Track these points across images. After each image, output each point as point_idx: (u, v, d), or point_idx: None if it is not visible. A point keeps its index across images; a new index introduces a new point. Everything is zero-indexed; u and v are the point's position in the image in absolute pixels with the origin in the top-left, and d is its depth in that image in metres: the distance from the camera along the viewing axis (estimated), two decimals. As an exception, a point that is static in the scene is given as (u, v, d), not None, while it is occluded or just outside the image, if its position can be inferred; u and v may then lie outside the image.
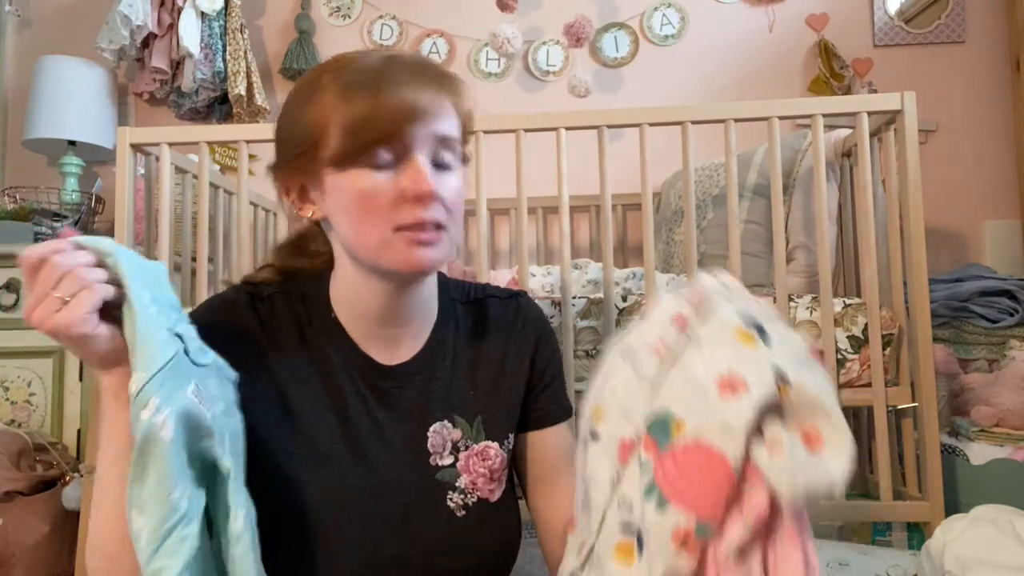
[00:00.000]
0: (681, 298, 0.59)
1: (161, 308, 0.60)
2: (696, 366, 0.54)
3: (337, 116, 0.67)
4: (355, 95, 0.66)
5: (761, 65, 2.29)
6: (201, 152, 1.53)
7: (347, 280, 0.75)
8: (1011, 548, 0.90)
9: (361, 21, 2.43)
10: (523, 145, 1.46)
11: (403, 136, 0.67)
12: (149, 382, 0.56)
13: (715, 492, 0.50)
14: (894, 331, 1.37)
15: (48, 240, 1.10)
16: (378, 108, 0.66)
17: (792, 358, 0.53)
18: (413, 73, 0.68)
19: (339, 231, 0.72)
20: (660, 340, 0.57)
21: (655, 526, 0.51)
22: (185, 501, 0.57)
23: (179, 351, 0.60)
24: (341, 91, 0.67)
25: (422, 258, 0.68)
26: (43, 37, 2.53)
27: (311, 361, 0.75)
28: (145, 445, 0.56)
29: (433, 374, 0.78)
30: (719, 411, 0.51)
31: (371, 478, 0.73)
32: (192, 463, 0.59)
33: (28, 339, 1.87)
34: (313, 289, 0.79)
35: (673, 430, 0.53)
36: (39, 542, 1.61)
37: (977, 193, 2.18)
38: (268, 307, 0.76)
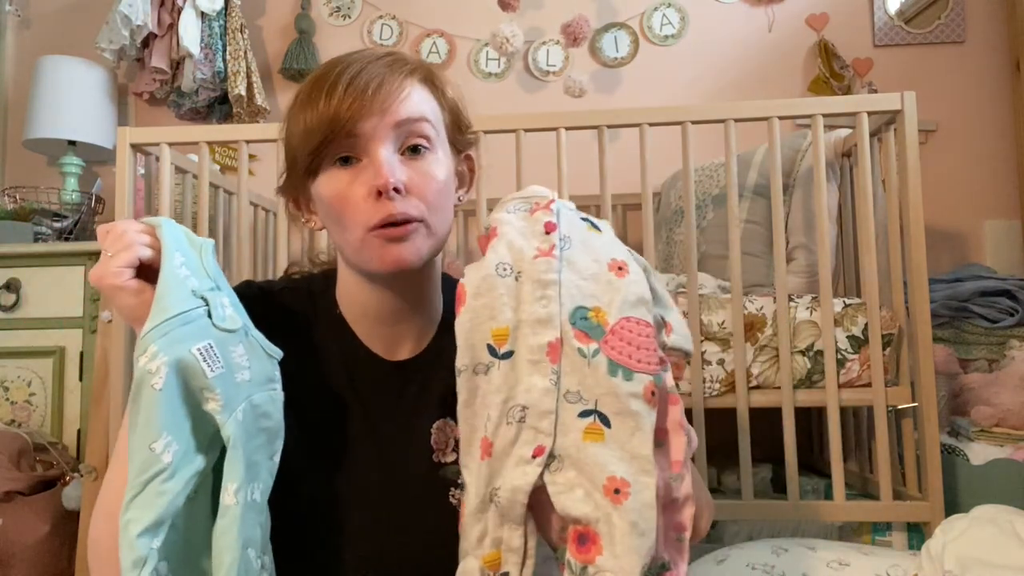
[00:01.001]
0: (525, 212, 0.69)
1: (193, 272, 0.62)
2: (586, 262, 0.64)
3: (300, 125, 0.68)
4: (311, 100, 0.67)
5: (761, 65, 2.29)
6: (201, 152, 1.53)
7: (345, 280, 0.77)
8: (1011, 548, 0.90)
9: (361, 21, 2.43)
10: (523, 145, 1.46)
11: (353, 131, 0.66)
12: (152, 329, 0.57)
13: (654, 349, 0.62)
14: (894, 331, 1.37)
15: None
16: (323, 107, 0.66)
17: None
18: (358, 65, 0.68)
19: (330, 237, 0.74)
20: (538, 249, 0.64)
21: (628, 394, 0.59)
22: (170, 455, 0.56)
23: (197, 309, 0.60)
24: (300, 101, 0.69)
25: (396, 255, 0.68)
26: (43, 37, 2.53)
27: (316, 356, 0.75)
28: (137, 392, 0.56)
29: (436, 372, 0.78)
30: (626, 289, 0.63)
31: (375, 473, 0.73)
32: (200, 423, 0.59)
33: (28, 339, 1.87)
34: (321, 286, 0.80)
35: (594, 318, 0.61)
36: (39, 542, 1.61)
37: (977, 193, 2.18)
38: (278, 301, 0.77)
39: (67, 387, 1.86)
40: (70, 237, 2.09)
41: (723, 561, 1.09)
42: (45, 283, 1.88)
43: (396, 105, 0.67)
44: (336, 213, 0.69)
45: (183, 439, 0.57)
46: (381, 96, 0.66)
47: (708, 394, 1.39)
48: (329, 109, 0.66)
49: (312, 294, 0.79)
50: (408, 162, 0.69)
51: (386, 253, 0.68)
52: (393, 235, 0.67)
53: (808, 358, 1.38)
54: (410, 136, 0.69)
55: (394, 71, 0.68)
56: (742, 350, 1.38)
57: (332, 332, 0.77)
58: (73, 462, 1.78)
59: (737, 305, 1.38)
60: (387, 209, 0.66)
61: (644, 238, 1.42)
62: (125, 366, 1.49)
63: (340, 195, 0.68)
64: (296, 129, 0.69)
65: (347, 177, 0.68)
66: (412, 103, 0.69)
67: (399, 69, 0.69)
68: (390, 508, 0.73)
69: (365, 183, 0.67)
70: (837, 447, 1.36)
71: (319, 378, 0.75)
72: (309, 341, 0.76)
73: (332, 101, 0.66)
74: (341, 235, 0.70)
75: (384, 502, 0.73)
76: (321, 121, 0.66)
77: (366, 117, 0.66)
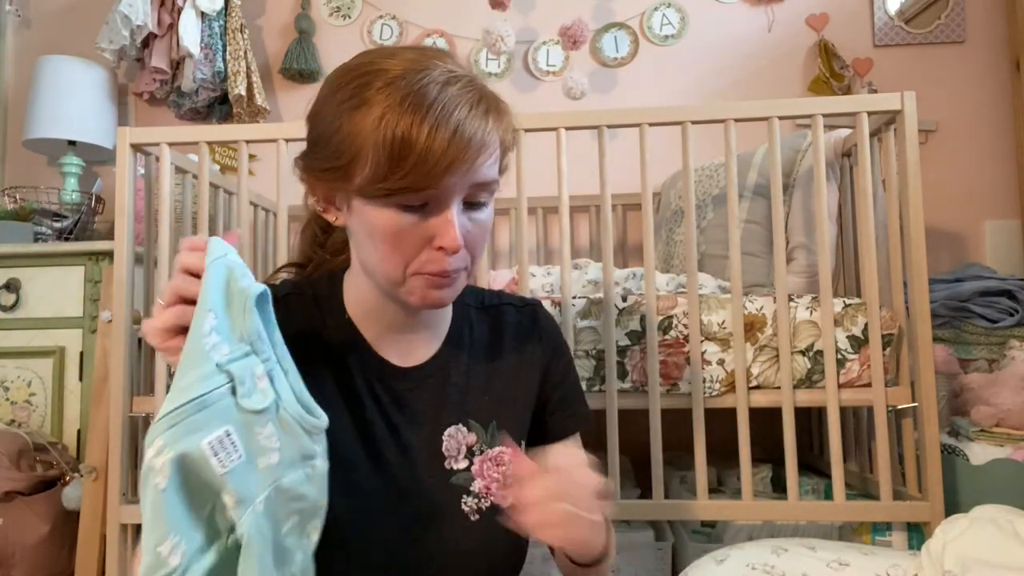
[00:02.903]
0: None
1: (225, 337, 0.56)
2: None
3: (372, 145, 0.62)
4: (400, 125, 0.61)
5: (761, 65, 2.29)
6: (201, 152, 1.53)
7: (361, 288, 0.76)
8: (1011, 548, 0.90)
9: (361, 21, 2.43)
10: (523, 145, 1.46)
11: (440, 185, 0.63)
12: (162, 419, 0.52)
13: None
14: (894, 331, 1.37)
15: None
16: (417, 153, 0.61)
17: None
18: (463, 109, 0.62)
19: (359, 250, 0.72)
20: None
21: None
22: (177, 557, 0.51)
23: (219, 388, 0.54)
24: (381, 118, 0.62)
25: (437, 298, 0.69)
26: (43, 37, 2.53)
27: (326, 363, 0.75)
28: (143, 488, 0.52)
29: (448, 378, 0.78)
30: None
31: (388, 481, 0.73)
32: (219, 510, 0.54)
33: (28, 339, 1.87)
34: (327, 290, 0.79)
35: None
36: (39, 542, 1.61)
37: (977, 193, 2.18)
38: (283, 308, 0.75)
39: (67, 387, 1.86)
40: (70, 237, 2.09)
41: (723, 561, 1.09)
42: (45, 283, 1.88)
43: (483, 164, 0.65)
44: (387, 247, 0.66)
45: (194, 537, 0.53)
46: (477, 153, 0.63)
47: (708, 394, 1.39)
48: (431, 152, 0.60)
49: (318, 298, 0.78)
50: (468, 213, 0.68)
51: (427, 295, 0.69)
52: (440, 283, 0.68)
53: (808, 358, 1.38)
54: (480, 192, 0.67)
55: (490, 121, 0.65)
56: (742, 350, 1.38)
57: (343, 339, 0.76)
58: (73, 462, 1.78)
59: (737, 305, 1.38)
60: (443, 264, 0.66)
61: (644, 238, 1.42)
62: (125, 366, 1.49)
63: (395, 231, 0.65)
64: (372, 140, 0.62)
65: (410, 220, 0.65)
66: (491, 163, 0.67)
67: (495, 120, 0.66)
68: (404, 516, 0.72)
69: (430, 234, 0.65)
70: (837, 447, 1.36)
71: (331, 386, 0.74)
72: (320, 347, 0.75)
73: (434, 146, 0.61)
74: (377, 261, 0.68)
75: (398, 509, 0.72)
76: (417, 163, 0.61)
77: (457, 172, 0.63)
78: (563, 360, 0.86)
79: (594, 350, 1.42)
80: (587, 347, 1.42)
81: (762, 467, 1.66)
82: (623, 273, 1.64)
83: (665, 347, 1.40)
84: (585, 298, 1.45)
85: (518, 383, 0.81)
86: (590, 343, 1.42)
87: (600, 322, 1.42)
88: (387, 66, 0.64)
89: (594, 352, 1.42)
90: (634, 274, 1.64)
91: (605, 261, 1.43)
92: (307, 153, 0.71)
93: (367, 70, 0.65)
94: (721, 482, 1.72)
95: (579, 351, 1.43)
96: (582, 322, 1.43)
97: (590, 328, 1.42)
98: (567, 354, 0.88)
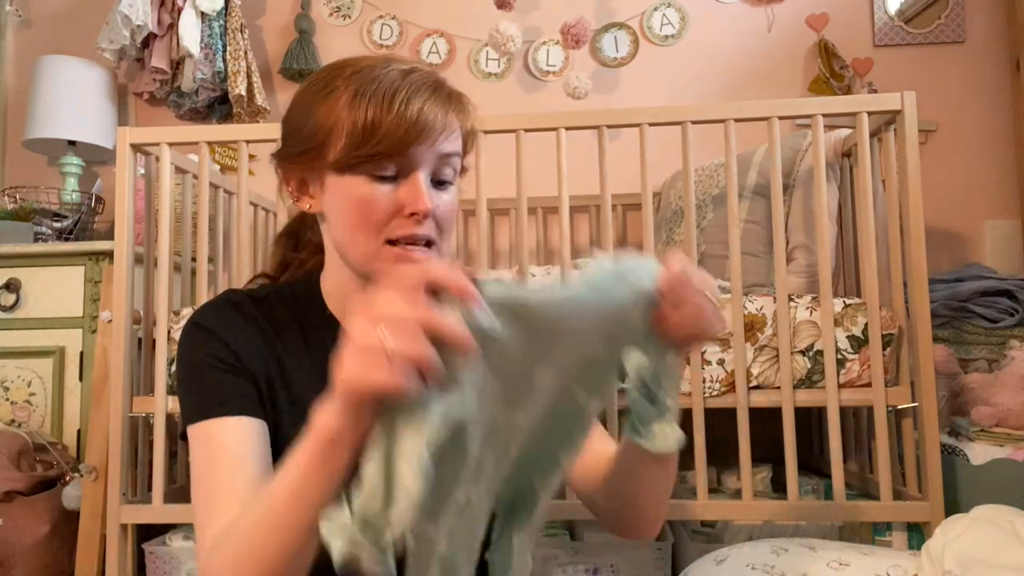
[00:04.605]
0: None
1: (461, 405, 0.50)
2: None
3: (346, 122, 0.68)
4: (367, 105, 0.67)
5: (761, 65, 2.29)
6: (201, 152, 1.53)
7: (339, 276, 0.77)
8: (1011, 548, 0.90)
9: (361, 21, 2.43)
10: (523, 145, 1.46)
11: (408, 153, 0.69)
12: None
13: None
14: (894, 331, 1.37)
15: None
16: (388, 122, 0.67)
17: None
18: (426, 91, 0.69)
19: (332, 231, 0.75)
20: None
21: None
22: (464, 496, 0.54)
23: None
24: (353, 98, 0.68)
25: None
26: (43, 37, 2.53)
27: (314, 357, 0.75)
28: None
29: None
30: None
31: None
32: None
33: (28, 339, 1.87)
34: (305, 291, 0.80)
35: None
36: (39, 542, 1.61)
37: (977, 193, 2.18)
38: (267, 307, 0.78)
39: (67, 387, 1.86)
40: (70, 237, 2.09)
41: (723, 561, 1.09)
42: (45, 283, 1.88)
43: (447, 139, 0.71)
44: (358, 218, 0.70)
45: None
46: (441, 128, 0.70)
47: (708, 394, 1.39)
48: (400, 126, 0.67)
49: (297, 298, 0.80)
50: (435, 190, 0.72)
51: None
52: (412, 256, 0.70)
53: (808, 358, 1.38)
54: (444, 168, 0.72)
55: (452, 105, 0.72)
56: (742, 350, 1.38)
57: (328, 332, 0.76)
58: (73, 462, 1.78)
59: (737, 305, 1.38)
60: (412, 228, 0.70)
61: (644, 238, 1.42)
62: (125, 366, 1.49)
63: (368, 203, 0.69)
64: (343, 122, 0.69)
65: (381, 189, 0.69)
66: (454, 139, 0.73)
67: (455, 104, 0.73)
68: None
69: (400, 200, 0.69)
70: (837, 447, 1.36)
71: (321, 381, 0.74)
72: (305, 343, 0.77)
73: (403, 120, 0.67)
74: (350, 235, 0.72)
75: None
76: (387, 134, 0.67)
77: (424, 143, 0.69)
78: None
79: (594, 350, 1.42)
80: (587, 347, 1.42)
81: (762, 467, 1.66)
82: (623, 273, 1.64)
83: (665, 347, 1.40)
84: (585, 298, 1.45)
85: None
86: (590, 343, 1.42)
87: (600, 322, 1.42)
88: (353, 61, 0.72)
89: (594, 352, 1.42)
90: (634, 274, 1.64)
91: (605, 261, 1.43)
92: (282, 145, 0.76)
93: (334, 66, 0.73)
94: (721, 482, 1.72)
95: (579, 351, 1.43)
96: (582, 322, 1.43)
97: (590, 328, 1.42)
98: None
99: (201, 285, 1.51)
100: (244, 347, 0.72)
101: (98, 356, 1.69)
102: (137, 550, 1.51)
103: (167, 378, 1.46)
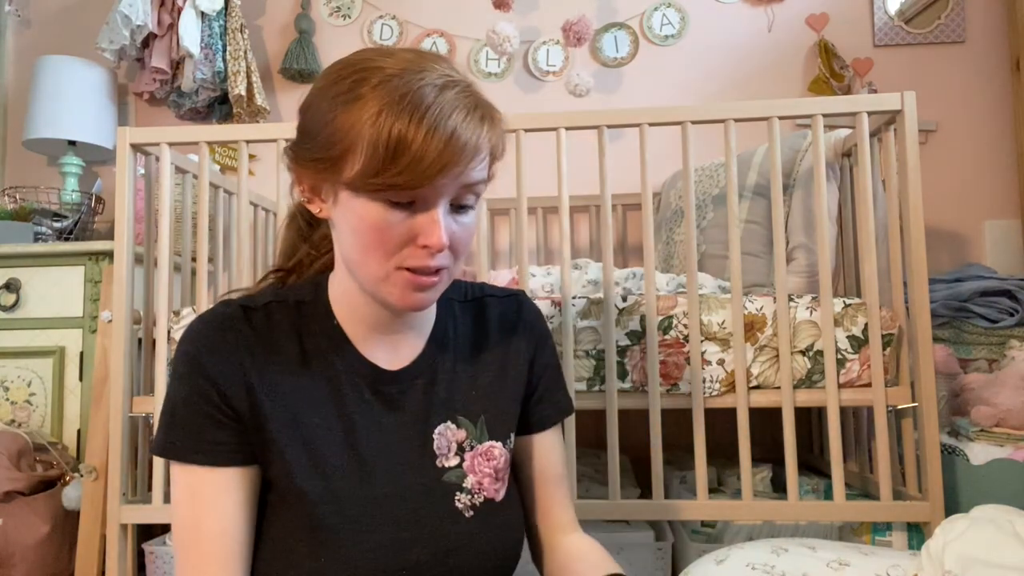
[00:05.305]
0: None
1: None
2: None
3: (367, 140, 0.62)
4: (397, 124, 0.61)
5: (761, 65, 2.29)
6: (201, 152, 1.53)
7: (345, 287, 0.75)
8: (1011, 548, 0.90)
9: (361, 21, 2.43)
10: (523, 145, 1.46)
11: (431, 185, 0.63)
12: None
13: None
14: (894, 331, 1.37)
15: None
16: (412, 152, 0.61)
17: None
18: (460, 114, 0.63)
19: (342, 245, 0.71)
20: None
21: None
22: None
23: None
24: (378, 115, 0.62)
25: (418, 301, 0.68)
26: (43, 37, 2.53)
27: (314, 369, 0.74)
28: None
29: (435, 376, 0.78)
30: None
31: (381, 485, 0.72)
32: None
33: (28, 339, 1.87)
34: (312, 296, 0.77)
35: None
36: (39, 542, 1.61)
37: (977, 193, 2.18)
38: (263, 317, 0.74)
39: (67, 387, 1.86)
40: (70, 237, 2.09)
41: (723, 561, 1.09)
42: (45, 283, 1.88)
43: (474, 168, 0.66)
44: (370, 242, 0.66)
45: None
46: (469, 157, 0.64)
47: (708, 394, 1.39)
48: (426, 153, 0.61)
49: (301, 304, 0.76)
50: (454, 215, 0.68)
51: (407, 296, 0.68)
52: (420, 284, 0.67)
53: (808, 358, 1.38)
54: (467, 194, 0.67)
55: (484, 128, 0.66)
56: (742, 350, 1.38)
57: (330, 343, 0.75)
58: (73, 462, 1.78)
59: (737, 305, 1.38)
60: (425, 260, 0.66)
61: (644, 238, 1.42)
62: (125, 366, 1.49)
63: (379, 226, 0.65)
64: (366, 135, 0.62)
65: (396, 216, 0.65)
66: (482, 166, 0.67)
67: (489, 127, 0.66)
68: (400, 517, 0.72)
69: (415, 232, 0.65)
70: (837, 447, 1.36)
71: (321, 393, 0.73)
72: (303, 355, 0.74)
73: (429, 147, 0.61)
74: (363, 259, 0.68)
75: (394, 513, 0.72)
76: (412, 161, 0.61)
77: (448, 175, 0.63)
78: (548, 350, 0.86)
79: (594, 350, 1.42)
80: (587, 347, 1.42)
81: (762, 467, 1.66)
82: (623, 273, 1.64)
83: (665, 347, 1.40)
84: (585, 298, 1.45)
85: (505, 375, 0.81)
86: (590, 343, 1.42)
87: (600, 322, 1.42)
88: (384, 64, 0.64)
89: (594, 352, 1.42)
90: (634, 274, 1.64)
91: (605, 261, 1.43)
92: (297, 142, 0.70)
93: (364, 67, 0.65)
94: (721, 482, 1.72)
95: (579, 351, 1.43)
96: (582, 322, 1.43)
97: (590, 328, 1.42)
98: (551, 343, 0.88)
99: (201, 285, 1.51)
100: (230, 379, 0.70)
101: (98, 356, 1.69)
102: (137, 550, 1.51)
103: (167, 378, 1.46)
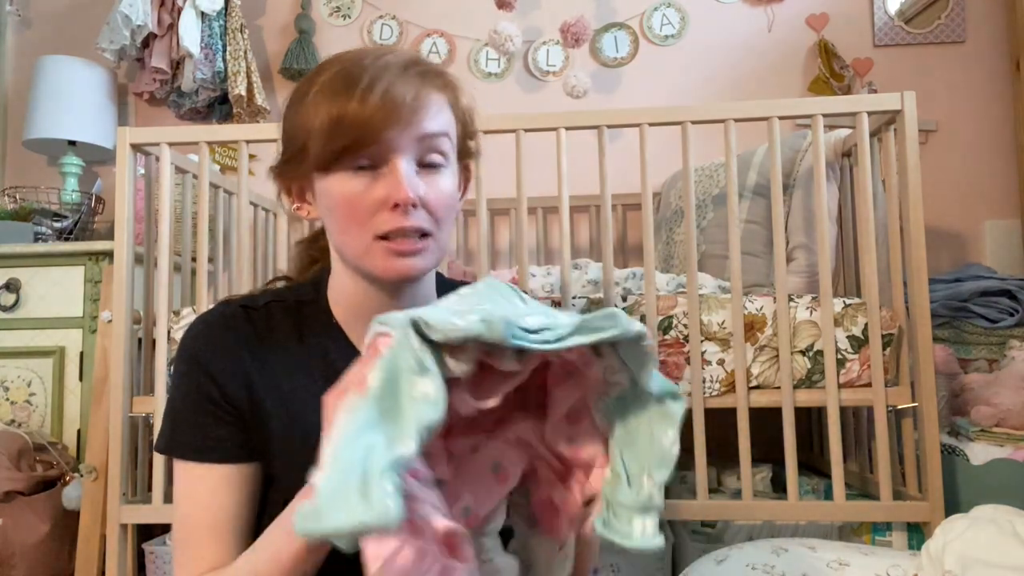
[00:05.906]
0: None
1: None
2: None
3: (318, 120, 0.66)
4: (334, 97, 0.66)
5: (761, 65, 2.29)
6: (201, 152, 1.53)
7: (341, 280, 0.76)
8: (1011, 548, 0.90)
9: (361, 21, 2.43)
10: (523, 145, 1.46)
11: (379, 140, 0.66)
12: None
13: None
14: (894, 331, 1.37)
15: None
16: (353, 111, 0.65)
17: None
18: (394, 72, 0.67)
19: (329, 233, 0.74)
20: None
21: None
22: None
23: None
24: (322, 93, 0.67)
25: (403, 267, 0.69)
26: (43, 37, 2.53)
27: (314, 366, 0.74)
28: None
29: None
30: None
31: None
32: None
33: (28, 339, 1.87)
34: (312, 295, 0.78)
35: None
36: (39, 542, 1.61)
37: (977, 193, 2.18)
38: (263, 316, 0.75)
39: (67, 387, 1.86)
40: (70, 237, 2.09)
41: (723, 561, 1.09)
42: (45, 283, 1.88)
43: (424, 119, 0.68)
44: (344, 215, 0.68)
45: None
46: (413, 108, 0.66)
47: (708, 394, 1.39)
48: (363, 113, 0.65)
49: (301, 303, 0.78)
50: (423, 176, 0.69)
51: (391, 264, 0.68)
52: (403, 249, 0.68)
53: (808, 358, 1.38)
54: (429, 150, 0.69)
55: (426, 83, 0.68)
56: (742, 350, 1.38)
57: (330, 339, 0.75)
58: (73, 462, 1.78)
59: (737, 305, 1.38)
60: (399, 221, 0.67)
61: (644, 238, 1.42)
62: (125, 366, 1.49)
63: (352, 199, 0.67)
64: (315, 122, 0.67)
65: (362, 182, 0.67)
66: (436, 117, 0.69)
67: (431, 81, 0.69)
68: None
69: (382, 192, 0.67)
70: (837, 447, 1.36)
71: (320, 390, 0.74)
72: (306, 352, 0.75)
73: (366, 107, 0.65)
74: (345, 236, 0.70)
75: None
76: (352, 124, 0.65)
77: (394, 127, 0.66)
78: None
79: (594, 350, 1.42)
80: (587, 347, 1.42)
81: (762, 467, 1.66)
82: (623, 273, 1.64)
83: (665, 347, 1.40)
84: (585, 298, 1.45)
85: None
86: (590, 343, 1.42)
87: (600, 322, 1.42)
88: (330, 62, 0.70)
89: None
90: (634, 274, 1.64)
91: (605, 261, 1.43)
92: (277, 157, 0.76)
93: (314, 70, 0.71)
94: (721, 482, 1.72)
95: (579, 351, 1.42)
96: (582, 322, 1.43)
97: (590, 328, 1.42)
98: None
99: (201, 285, 1.51)
100: (231, 378, 0.71)
101: (98, 356, 1.69)
102: (137, 550, 1.51)
103: (167, 378, 1.46)
